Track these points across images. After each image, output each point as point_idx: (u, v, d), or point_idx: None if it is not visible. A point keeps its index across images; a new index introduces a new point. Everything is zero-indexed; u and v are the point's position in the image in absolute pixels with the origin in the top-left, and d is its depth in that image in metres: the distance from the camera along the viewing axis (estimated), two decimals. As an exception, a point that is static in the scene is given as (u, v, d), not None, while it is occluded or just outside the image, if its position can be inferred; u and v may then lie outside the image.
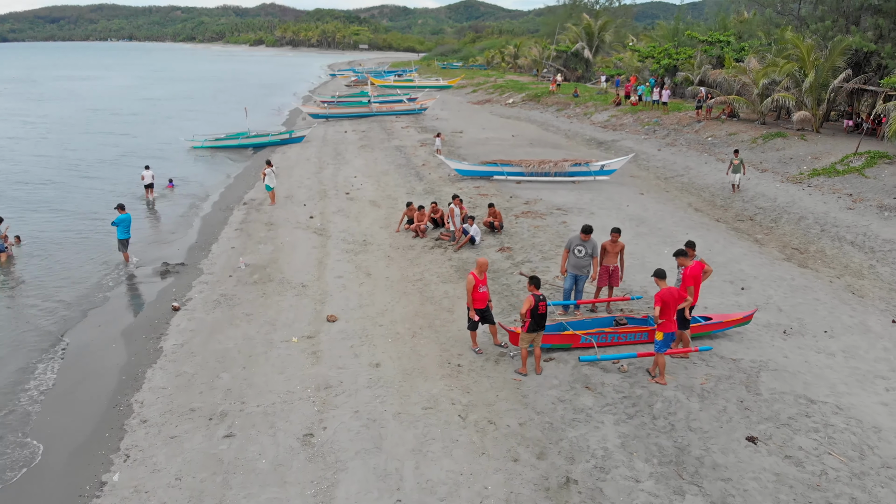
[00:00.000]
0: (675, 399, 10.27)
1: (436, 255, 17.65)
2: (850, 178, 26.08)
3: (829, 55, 32.34)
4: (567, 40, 75.86)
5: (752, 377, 11.03)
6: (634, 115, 43.86)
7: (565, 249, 13.06)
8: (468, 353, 12.04)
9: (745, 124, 36.13)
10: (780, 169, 29.17)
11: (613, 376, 10.92)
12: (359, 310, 14.24)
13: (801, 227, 22.08)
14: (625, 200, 23.94)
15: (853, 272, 18.03)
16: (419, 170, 29.01)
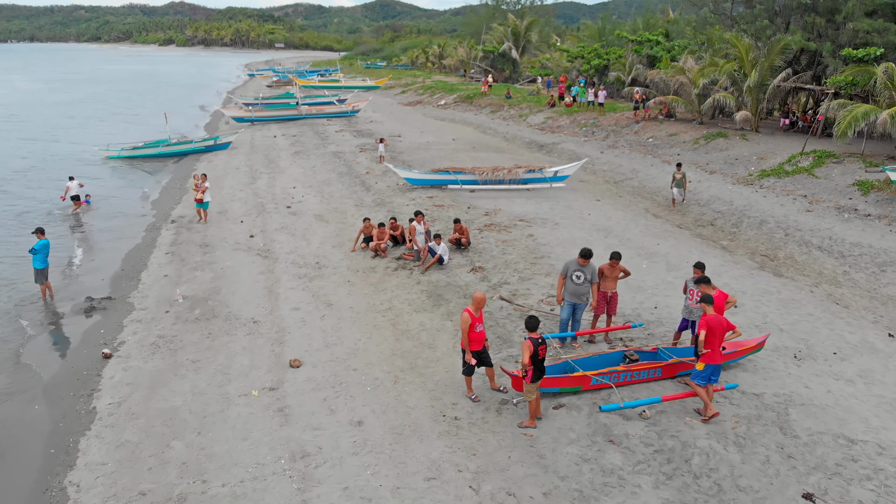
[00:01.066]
0: (712, 450, 9.02)
1: (401, 278, 15.95)
2: (801, 179, 26.01)
3: (768, 54, 32.50)
4: (494, 40, 75.20)
5: (782, 415, 9.95)
6: (570, 116, 43.31)
7: (561, 275, 11.66)
8: (464, 402, 10.46)
9: (683, 125, 36.01)
10: (728, 170, 28.94)
11: (636, 425, 9.59)
12: (325, 350, 12.40)
13: (765, 231, 21.62)
14: (584, 208, 22.91)
15: (829, 279, 17.51)
16: (364, 178, 27.14)
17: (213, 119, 50.77)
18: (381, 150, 30.21)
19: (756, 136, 32.54)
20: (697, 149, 32.55)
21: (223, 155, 34.07)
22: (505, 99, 53.02)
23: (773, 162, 28.59)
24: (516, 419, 9.92)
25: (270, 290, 15.47)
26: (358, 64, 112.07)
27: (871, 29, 27.28)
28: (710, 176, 28.68)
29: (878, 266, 18.10)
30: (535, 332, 9.36)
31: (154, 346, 12.84)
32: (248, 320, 13.88)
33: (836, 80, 27.13)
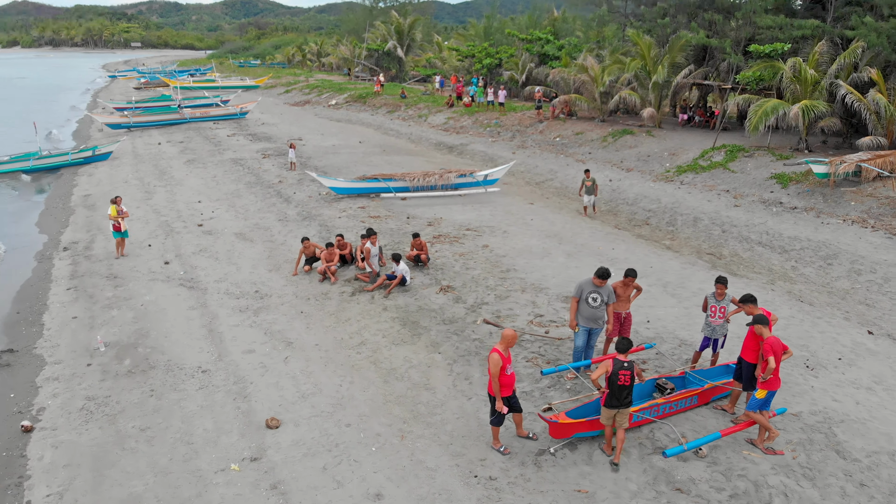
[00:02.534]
0: (787, 488, 8.15)
1: (363, 304, 14.16)
2: (718, 174, 26.51)
3: (670, 51, 33.18)
4: (377, 38, 73.43)
5: (831, 437, 9.29)
6: (472, 116, 42.60)
7: (574, 298, 10.44)
8: (492, 456, 8.99)
9: (586, 123, 36.16)
10: (644, 167, 29.14)
11: (696, 466, 8.55)
12: (303, 403, 10.48)
13: (701, 229, 21.64)
14: (523, 213, 21.99)
15: (781, 276, 17.57)
16: (279, 189, 24.76)
17: (82, 126, 45.44)
18: (292, 155, 27.86)
19: (661, 133, 33.13)
20: (607, 146, 32.68)
21: (104, 167, 30.19)
22: (400, 99, 51.60)
23: (686, 157, 29.08)
24: (559, 472, 8.60)
25: (211, 330, 13.19)
26: (230, 63, 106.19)
27: (774, 25, 28.30)
28: (628, 174, 28.75)
29: (822, 259, 18.38)
30: (624, 355, 8.19)
31: (85, 412, 10.36)
32: (194, 370, 11.63)
33: (745, 76, 27.91)
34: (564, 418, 8.82)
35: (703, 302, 10.64)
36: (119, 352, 12.35)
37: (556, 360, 11.36)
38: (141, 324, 13.50)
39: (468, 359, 11.56)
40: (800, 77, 26.69)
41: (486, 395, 9.67)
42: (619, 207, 24.55)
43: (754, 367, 9.19)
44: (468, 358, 11.58)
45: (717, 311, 10.41)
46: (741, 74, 28.10)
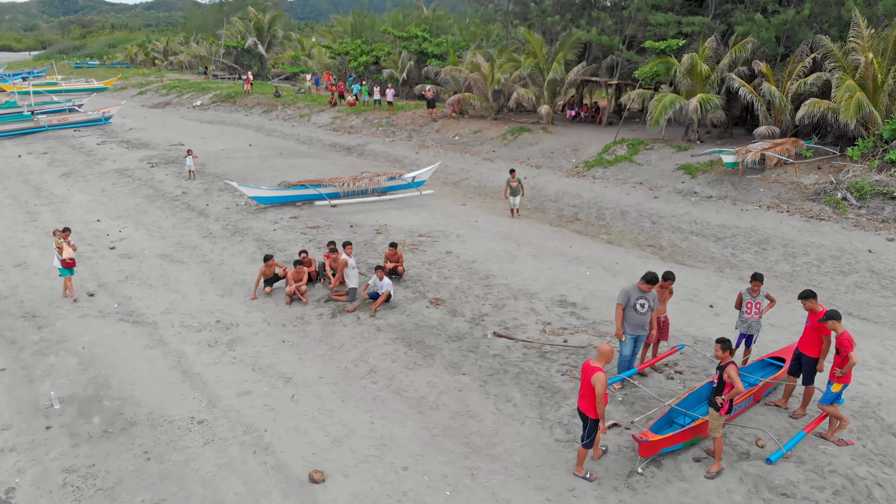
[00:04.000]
0: (877, 477, 8.22)
1: (350, 326, 12.90)
2: (626, 167, 27.42)
3: (561, 48, 33.95)
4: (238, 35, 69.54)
5: (880, 421, 9.56)
6: (359, 115, 41.40)
7: (620, 305, 10.00)
8: (580, 485, 8.35)
9: (480, 121, 36.27)
10: (552, 163, 29.59)
11: (788, 468, 8.41)
12: (340, 447, 9.24)
13: (631, 221, 22.17)
14: (463, 214, 21.45)
15: (725, 263, 18.33)
16: (186, 201, 22.36)
17: None
18: (190, 163, 25.29)
19: (556, 129, 33.87)
20: (508, 144, 32.90)
21: (-44, 186, 25.83)
22: (274, 98, 49.15)
23: (589, 153, 29.83)
24: (657, 492, 8.12)
25: (184, 371, 11.39)
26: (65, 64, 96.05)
27: (665, 22, 29.68)
28: (539, 171, 29.06)
29: (756, 245, 19.40)
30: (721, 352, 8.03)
31: (72, 490, 8.46)
32: (187, 422, 9.93)
33: (643, 72, 29.05)
34: (653, 436, 8.35)
35: (738, 298, 10.61)
36: (80, 408, 10.31)
37: (592, 370, 10.88)
38: (93, 371, 11.40)
39: (499, 378, 10.80)
40: (693, 72, 28.19)
41: (538, 417, 9.11)
42: (544, 205, 24.63)
43: (815, 361, 9.23)
44: (499, 377, 10.83)
45: (752, 307, 10.41)
46: (640, 70, 29.22)
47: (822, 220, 20.63)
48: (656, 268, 16.54)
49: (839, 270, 17.41)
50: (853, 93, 22.62)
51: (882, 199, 20.82)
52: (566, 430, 9.41)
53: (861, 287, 16.47)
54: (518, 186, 21.03)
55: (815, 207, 21.53)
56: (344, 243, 13.83)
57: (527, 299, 13.75)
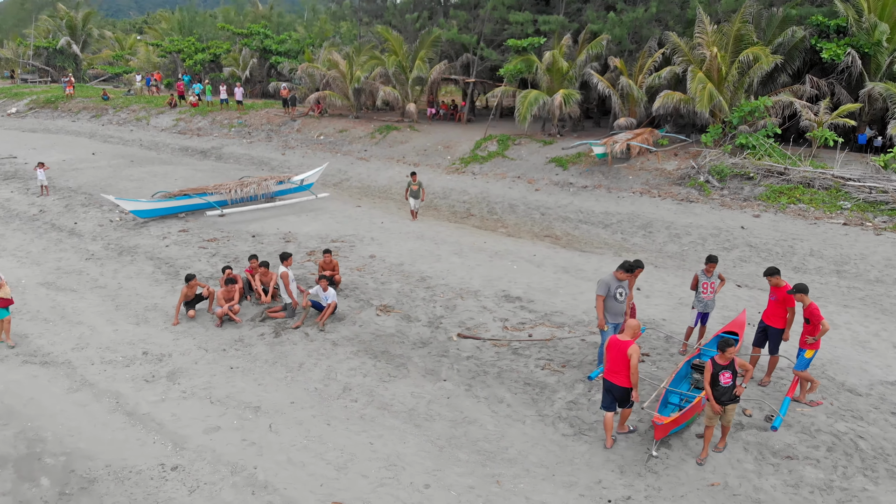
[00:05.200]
0: (856, 431, 9.18)
1: (301, 343, 12.07)
2: (500, 162, 28.30)
3: (421, 46, 34.19)
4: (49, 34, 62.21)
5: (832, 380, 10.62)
6: (205, 116, 39.03)
7: (601, 296, 10.26)
8: (606, 477, 8.49)
9: (342, 120, 35.72)
10: (428, 161, 29.81)
11: (782, 434, 9.11)
12: (348, 474, 8.62)
13: (521, 214, 22.99)
14: (363, 217, 20.95)
15: (620, 248, 19.58)
16: (49, 220, 19.66)
17: None
18: (42, 177, 22.21)
19: (423, 127, 34.17)
20: (378, 143, 32.67)
21: None
22: (102, 101, 44.79)
23: (462, 149, 30.40)
24: (678, 472, 8.48)
25: (129, 413, 10.04)
26: None
27: (523, 21, 30.86)
28: (418, 169, 29.02)
29: (642, 228, 20.88)
30: (721, 356, 8.19)
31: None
32: (157, 469, 8.77)
33: (507, 69, 30.00)
34: (665, 418, 8.69)
35: (693, 280, 11.31)
36: (18, 470, 8.72)
37: (568, 360, 11.12)
38: (15, 425, 9.68)
39: (482, 380, 10.67)
40: (553, 69, 29.63)
41: (537, 414, 9.69)
42: (435, 202, 24.70)
43: (781, 332, 10.09)
44: (481, 379, 10.69)
45: (708, 287, 11.16)
46: (505, 68, 30.14)
47: (692, 202, 22.58)
48: (568, 257, 17.28)
49: (722, 247, 19.15)
50: (705, 84, 24.95)
51: (740, 180, 23.22)
52: (569, 424, 9.51)
53: (745, 261, 18.26)
54: (419, 189, 20.60)
55: (682, 191, 23.51)
56: (282, 255, 12.88)
57: (473, 298, 13.69)
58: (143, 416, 9.86)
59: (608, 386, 8.87)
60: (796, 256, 18.32)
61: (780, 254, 18.55)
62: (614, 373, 8.69)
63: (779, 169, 23.02)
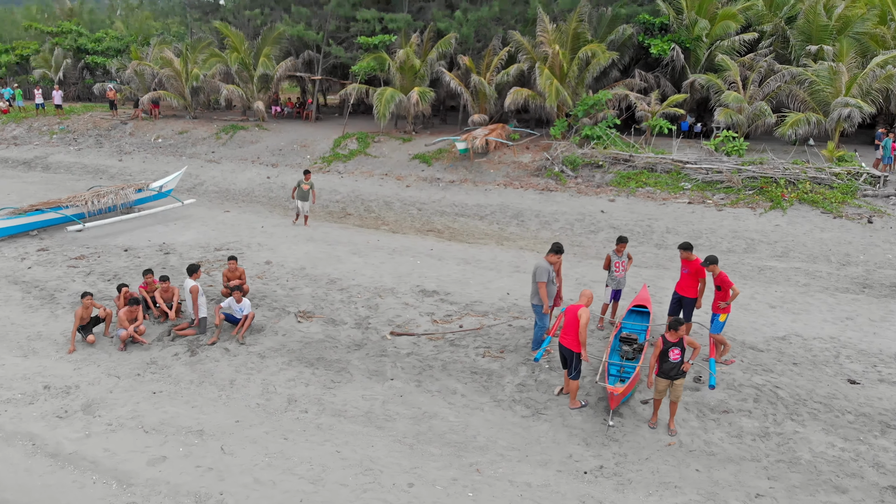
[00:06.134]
0: (769, 381, 10.48)
1: (222, 359, 11.34)
2: (363, 160, 28.35)
3: (265, 43, 33.10)
4: None
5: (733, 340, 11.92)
6: (19, 123, 35.06)
7: (543, 283, 10.78)
8: (577, 451, 9.00)
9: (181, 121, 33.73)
10: (286, 160, 29.12)
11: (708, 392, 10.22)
12: (328, 488, 8.31)
13: (398, 210, 23.28)
14: (243, 223, 19.97)
15: (499, 237, 20.48)
16: None
17: None
18: None
19: (272, 126, 33.23)
20: (226, 143, 31.31)
21: None
22: None
23: (321, 148, 29.98)
24: (637, 437, 9.20)
25: (53, 455, 8.91)
26: None
27: (371, 18, 30.88)
28: (278, 169, 28.32)
29: (514, 218, 21.98)
30: (672, 334, 8.89)
31: None
32: (109, 514, 7.94)
33: (361, 66, 29.88)
34: (617, 388, 9.38)
35: (606, 260, 12.20)
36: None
37: (504, 346, 11.53)
38: None
39: (430, 374, 10.76)
40: (404, 66, 30.03)
41: (492, 400, 10.00)
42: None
43: (695, 300, 11.22)
44: (429, 374, 10.78)
45: (619, 265, 12.11)
46: (358, 65, 30.00)
47: (552, 192, 24.06)
48: (462, 249, 17.80)
49: (589, 230, 20.67)
50: (552, 81, 26.61)
51: (591, 169, 25.10)
52: (525, 406, 9.91)
53: (612, 241, 19.75)
54: (309, 191, 19.17)
55: (541, 181, 24.96)
56: (189, 268, 11.98)
57: (392, 295, 13.67)
58: (71, 456, 8.79)
59: (562, 350, 9.65)
60: (655, 234, 20.20)
61: (640, 233, 20.35)
62: (567, 336, 9.48)
63: (624, 156, 25.17)
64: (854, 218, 20.35)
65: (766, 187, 22.45)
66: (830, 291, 15.12)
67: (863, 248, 18.44)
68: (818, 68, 25.01)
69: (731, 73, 26.46)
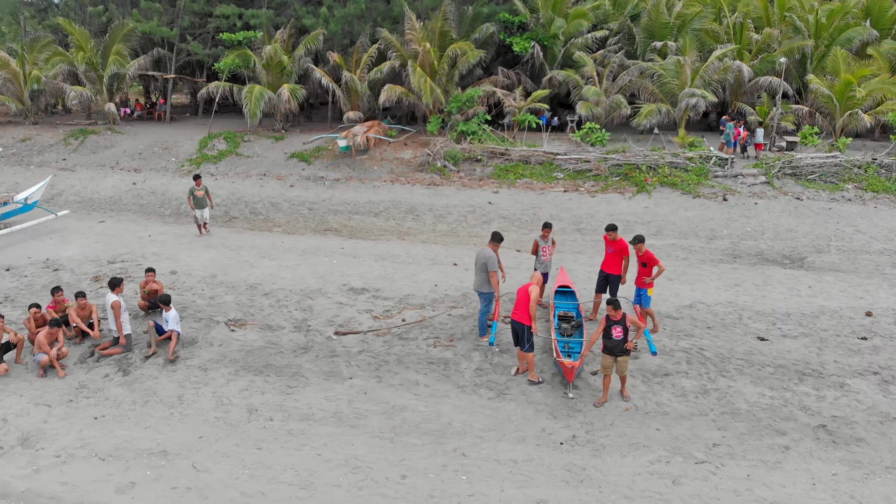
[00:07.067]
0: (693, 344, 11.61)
1: (161, 377, 10.66)
2: (235, 161, 27.51)
3: (113, 41, 30.83)
4: None
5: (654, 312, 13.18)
6: None
7: (494, 272, 11.22)
8: (548, 424, 9.56)
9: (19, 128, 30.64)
10: (150, 165, 27.52)
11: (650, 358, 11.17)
12: (318, 491, 8.17)
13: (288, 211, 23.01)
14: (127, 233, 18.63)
15: (401, 233, 20.79)
16: None
17: None
18: None
19: (125, 129, 31.26)
20: (77, 150, 28.99)
21: None
22: None
23: (185, 150, 28.58)
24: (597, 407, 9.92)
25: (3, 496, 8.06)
26: None
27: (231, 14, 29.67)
28: (141, 174, 26.59)
29: (409, 213, 22.38)
30: (613, 311, 9.55)
31: None
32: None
33: (226, 63, 28.65)
34: (572, 362, 10.06)
35: (533, 245, 12.85)
36: None
37: (452, 335, 11.84)
38: None
39: (388, 369, 10.83)
40: (272, 63, 29.26)
41: (456, 386, 10.36)
42: (184, 207, 22.82)
43: (619, 277, 12.18)
44: (387, 368, 10.85)
45: (546, 250, 12.83)
46: (222, 62, 28.76)
47: (438, 186, 24.67)
48: (373, 246, 17.89)
49: (482, 221, 21.51)
50: (426, 78, 27.15)
51: (471, 163, 25.99)
52: (488, 388, 10.31)
53: (505, 231, 20.66)
54: (205, 196, 17.81)
55: (426, 176, 25.49)
56: (111, 282, 11.09)
57: (322, 296, 13.48)
58: (25, 494, 7.95)
59: (514, 326, 10.29)
60: (541, 221, 21.33)
61: (528, 221, 21.49)
62: (519, 311, 10.13)
63: (500, 150, 26.29)
64: (711, 197, 22.81)
65: (631, 173, 24.48)
66: (709, 263, 16.94)
67: (724, 223, 20.76)
68: (665, 63, 27.58)
69: (588, 68, 28.43)
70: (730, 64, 27.05)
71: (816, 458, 8.59)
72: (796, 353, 11.28)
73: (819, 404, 9.75)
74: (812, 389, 10.14)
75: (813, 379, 10.41)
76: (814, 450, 8.78)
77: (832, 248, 18.22)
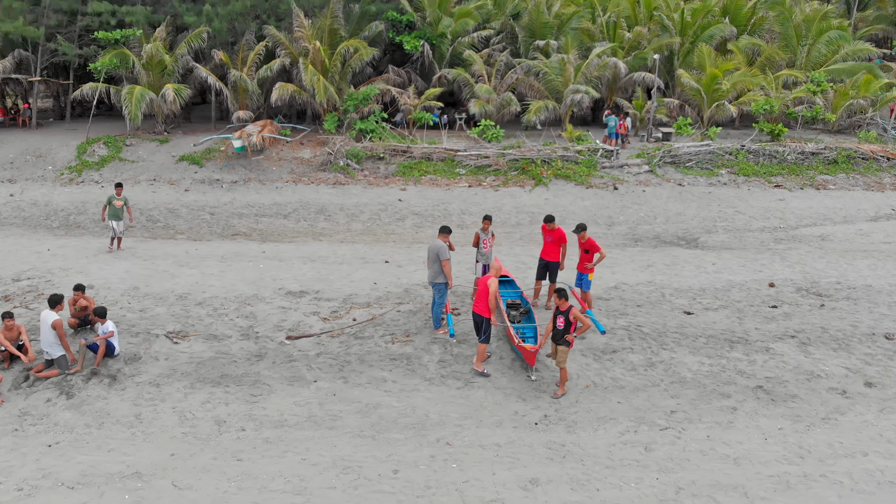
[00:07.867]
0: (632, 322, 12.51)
1: (111, 396, 10.01)
2: (119, 166, 26.15)
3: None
4: None
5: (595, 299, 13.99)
6: None
7: (447, 260, 11.48)
8: (520, 407, 10.00)
9: None
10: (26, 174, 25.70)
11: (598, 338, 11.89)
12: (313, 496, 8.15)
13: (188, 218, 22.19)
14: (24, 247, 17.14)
15: (315, 234, 20.72)
16: None
17: None
18: None
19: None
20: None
21: None
22: None
23: (62, 157, 26.66)
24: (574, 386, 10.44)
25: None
26: None
27: (104, 11, 27.74)
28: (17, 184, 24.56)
29: (319, 213, 22.26)
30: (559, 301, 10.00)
31: None
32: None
33: (103, 63, 26.78)
34: (532, 346, 10.59)
35: (475, 238, 13.22)
36: None
37: (407, 330, 11.99)
38: None
39: (352, 369, 10.82)
40: (152, 62, 27.75)
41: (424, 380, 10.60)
42: (75, 219, 21.30)
43: (558, 264, 12.84)
44: (351, 368, 10.84)
45: (487, 242, 13.28)
46: (99, 62, 26.86)
47: (343, 185, 24.58)
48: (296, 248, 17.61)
49: (395, 219, 21.76)
50: (318, 77, 26.83)
51: (374, 161, 26.06)
52: (455, 379, 10.59)
53: (421, 227, 21.13)
54: (124, 207, 16.62)
55: (329, 176, 25.27)
56: (51, 300, 10.26)
57: (261, 302, 13.13)
58: (-10, 539, 7.30)
59: (474, 318, 10.65)
60: (454, 216, 21.94)
61: (440, 216, 21.94)
62: (479, 303, 10.46)
63: (402, 148, 26.54)
64: (602, 187, 24.32)
65: (527, 167, 25.56)
66: (616, 248, 18.13)
67: (619, 210, 22.26)
68: (550, 61, 28.94)
69: (477, 66, 29.25)
70: (607, 61, 28.83)
71: (762, 416, 9.62)
72: (721, 323, 12.46)
73: (752, 368, 10.87)
74: (743, 355, 11.28)
75: (742, 346, 11.57)
76: (757, 408, 9.81)
77: (719, 228, 20.08)
